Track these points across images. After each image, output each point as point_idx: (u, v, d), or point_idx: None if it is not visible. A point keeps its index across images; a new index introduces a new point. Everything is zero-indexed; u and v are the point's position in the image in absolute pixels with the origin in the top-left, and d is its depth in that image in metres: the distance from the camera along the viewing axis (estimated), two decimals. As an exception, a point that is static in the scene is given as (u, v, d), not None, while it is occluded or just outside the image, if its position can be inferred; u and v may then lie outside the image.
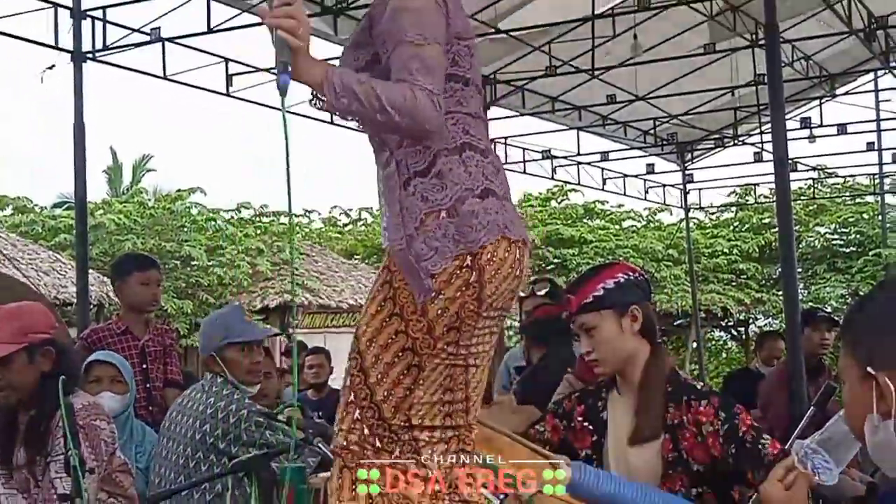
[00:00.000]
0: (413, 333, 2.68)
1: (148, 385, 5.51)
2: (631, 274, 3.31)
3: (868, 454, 1.94)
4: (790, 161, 12.86)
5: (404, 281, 2.69)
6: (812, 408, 3.11)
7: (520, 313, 6.23)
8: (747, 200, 23.55)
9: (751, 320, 27.47)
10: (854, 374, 1.91)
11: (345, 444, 2.71)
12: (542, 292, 5.71)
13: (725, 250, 25.51)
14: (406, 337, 2.69)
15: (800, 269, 24.26)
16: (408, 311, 2.68)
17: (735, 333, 29.16)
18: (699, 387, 3.25)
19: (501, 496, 2.78)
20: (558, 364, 4.85)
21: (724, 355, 29.69)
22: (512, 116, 13.15)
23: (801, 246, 25.34)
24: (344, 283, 21.71)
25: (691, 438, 3.11)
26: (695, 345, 23.45)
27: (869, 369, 1.86)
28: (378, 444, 2.70)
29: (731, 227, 26.78)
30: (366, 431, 2.70)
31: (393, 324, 2.70)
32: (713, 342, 30.01)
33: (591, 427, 3.29)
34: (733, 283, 25.66)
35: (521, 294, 6.07)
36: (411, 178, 2.69)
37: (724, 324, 28.00)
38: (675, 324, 25.71)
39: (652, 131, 14.78)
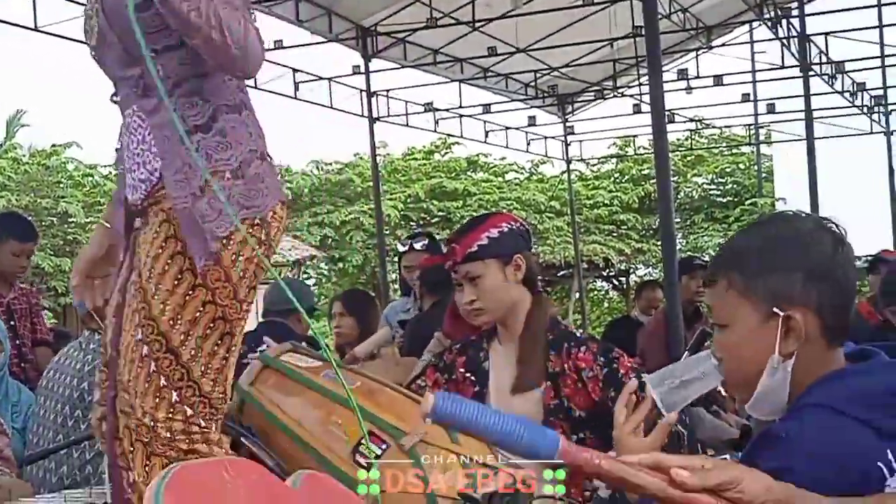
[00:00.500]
0: (221, 301, 2.60)
1: (18, 342, 5.40)
2: (513, 223, 3.33)
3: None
4: (668, 112, 13.08)
5: None
6: (686, 353, 3.18)
7: (399, 268, 6.25)
8: (627, 152, 23.88)
9: (631, 270, 27.97)
10: (748, 316, 1.89)
11: (169, 436, 2.58)
12: (420, 245, 5.72)
13: (606, 201, 25.87)
14: (215, 307, 2.59)
15: (678, 219, 24.76)
16: (212, 280, 2.57)
17: (616, 283, 29.66)
18: (579, 334, 3.29)
19: (384, 446, 2.79)
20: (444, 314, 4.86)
21: (606, 305, 30.19)
22: (393, 69, 13.10)
23: (679, 196, 25.83)
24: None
25: (572, 385, 3.15)
26: (577, 295, 23.81)
27: (775, 309, 1.85)
28: (202, 423, 2.61)
29: (612, 179, 27.16)
30: (189, 412, 2.60)
31: (198, 295, 2.58)
32: (595, 292, 30.47)
33: (472, 378, 3.30)
34: (614, 234, 26.07)
35: (401, 248, 6.09)
36: (191, 133, 2.57)
37: (605, 274, 28.46)
38: (558, 274, 26.03)
39: (533, 84, 14.85)
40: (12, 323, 5.41)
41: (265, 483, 1.48)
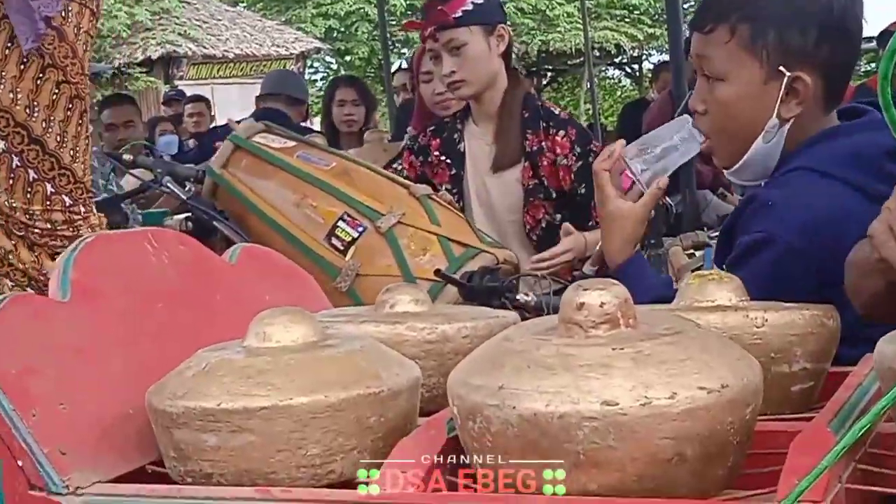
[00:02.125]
0: (73, 78, 2.53)
1: None
2: None
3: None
4: None
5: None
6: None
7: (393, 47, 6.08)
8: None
9: (644, 57, 27.50)
10: (751, 73, 1.71)
11: (49, 226, 2.54)
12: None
13: (618, -15, 25.29)
14: (69, 86, 2.52)
15: (692, 2, 24.18)
16: (60, 57, 2.49)
17: (629, 71, 29.24)
18: (558, 112, 3.15)
19: (360, 228, 2.70)
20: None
21: (618, 93, 29.84)
22: None
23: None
24: (229, 32, 21.14)
25: (549, 166, 3.04)
26: (588, 84, 23.46)
27: (782, 68, 1.67)
28: (83, 209, 2.57)
29: (624, -38, 26.47)
30: (68, 201, 2.55)
31: (49, 77, 2.50)
32: (608, 80, 30.10)
33: (448, 160, 3.18)
34: (626, 20, 25.55)
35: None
36: None
37: (617, 61, 28.01)
38: (568, 63, 25.66)
39: None
40: None
41: (196, 255, 1.37)
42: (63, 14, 2.47)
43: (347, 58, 24.44)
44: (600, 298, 0.98)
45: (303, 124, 5.93)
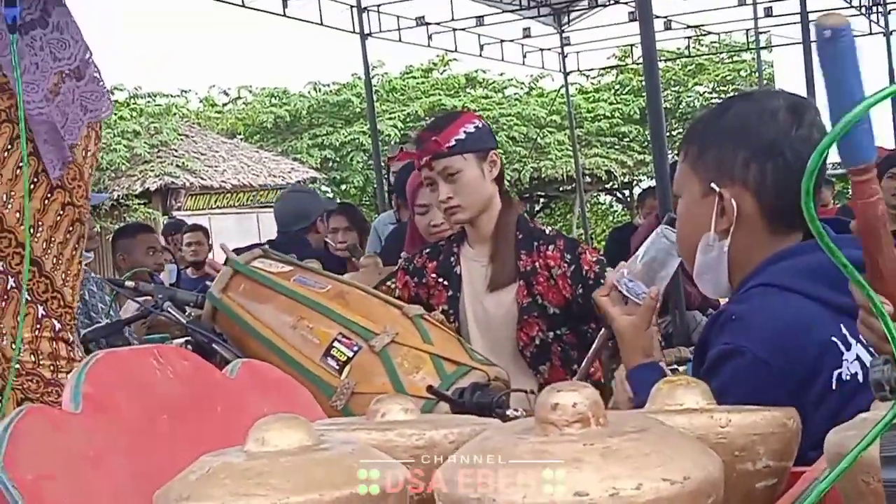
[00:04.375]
0: (78, 202, 2.51)
1: None
2: (482, 121, 3.32)
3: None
4: (664, 19, 12.91)
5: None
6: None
7: (388, 175, 6.23)
8: (627, 63, 23.67)
9: (635, 182, 27.88)
10: (694, 189, 1.86)
11: (31, 360, 2.43)
12: (410, 148, 5.69)
13: (607, 114, 25.74)
14: (74, 209, 2.50)
15: (679, 129, 24.59)
16: (69, 179, 2.48)
17: (620, 196, 29.60)
18: (547, 231, 3.27)
19: (355, 347, 2.77)
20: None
21: (610, 218, 30.15)
22: (383, -18, 12.97)
23: (680, 106, 25.67)
24: (226, 164, 21.46)
25: (544, 283, 3.14)
26: (580, 209, 23.76)
27: (713, 185, 1.82)
28: (71, 337, 2.50)
29: (613, 91, 26.99)
30: (57, 327, 2.48)
31: (57, 198, 2.47)
32: (599, 206, 30.44)
33: (445, 282, 3.28)
34: (616, 147, 25.96)
35: (390, 155, 6.07)
36: (29, 30, 2.41)
37: (608, 187, 28.38)
38: (560, 189, 25.98)
39: (527, -6, 14.70)
40: None
41: (199, 370, 1.45)
42: (84, 142, 2.51)
43: (343, 186, 24.76)
44: (573, 399, 1.06)
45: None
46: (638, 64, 22.96)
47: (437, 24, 14.76)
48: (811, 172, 0.80)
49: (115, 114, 21.11)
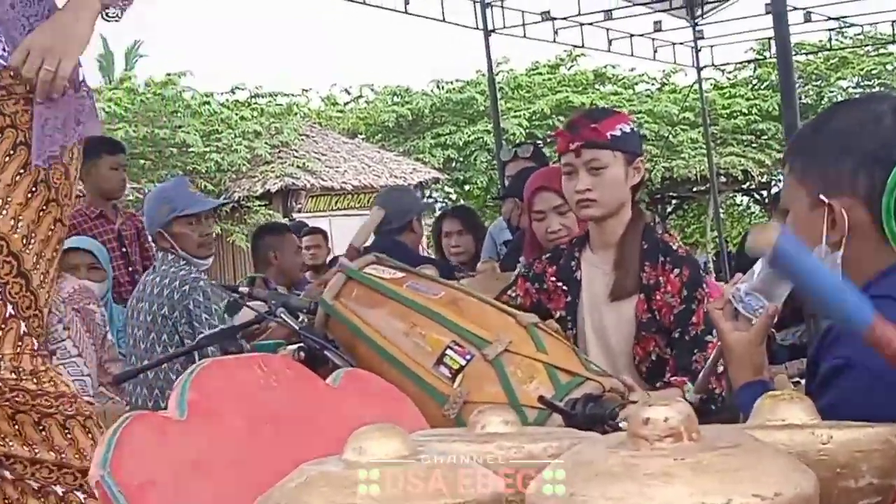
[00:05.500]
0: (65, 221, 2.55)
1: (130, 269, 5.61)
2: (635, 126, 3.34)
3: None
4: (804, 11, 12.70)
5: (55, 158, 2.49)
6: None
7: (501, 178, 6.27)
8: (765, 56, 23.29)
9: (773, 183, 27.43)
10: (802, 201, 1.88)
11: (13, 377, 2.46)
12: (528, 154, 5.72)
13: (744, 110, 25.36)
14: (62, 225, 2.54)
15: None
16: (62, 195, 2.51)
17: (758, 197, 29.14)
18: (675, 248, 3.24)
19: (468, 356, 2.82)
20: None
21: (747, 220, 29.71)
22: (509, -23, 13.00)
23: (822, 102, 25.16)
24: (347, 164, 21.73)
25: (660, 300, 3.14)
26: (714, 211, 23.46)
27: (822, 196, 1.83)
28: (46, 353, 2.52)
29: (750, 86, 26.60)
30: (35, 345, 2.49)
31: (51, 212, 2.50)
32: (735, 207, 30.01)
33: (564, 287, 3.31)
34: (754, 145, 25.57)
35: (504, 158, 6.11)
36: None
37: (745, 187, 27.97)
38: (692, 190, 25.69)
39: (658, -14, 14.58)
40: (123, 249, 5.63)
41: (302, 379, 1.52)
42: (72, 153, 2.56)
43: (466, 187, 24.89)
44: (665, 413, 1.10)
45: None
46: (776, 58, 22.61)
47: (564, 18, 14.74)
48: (891, 191, 0.83)
49: (236, 114, 21.56)
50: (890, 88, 24.86)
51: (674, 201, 28.59)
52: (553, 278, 3.34)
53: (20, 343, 2.45)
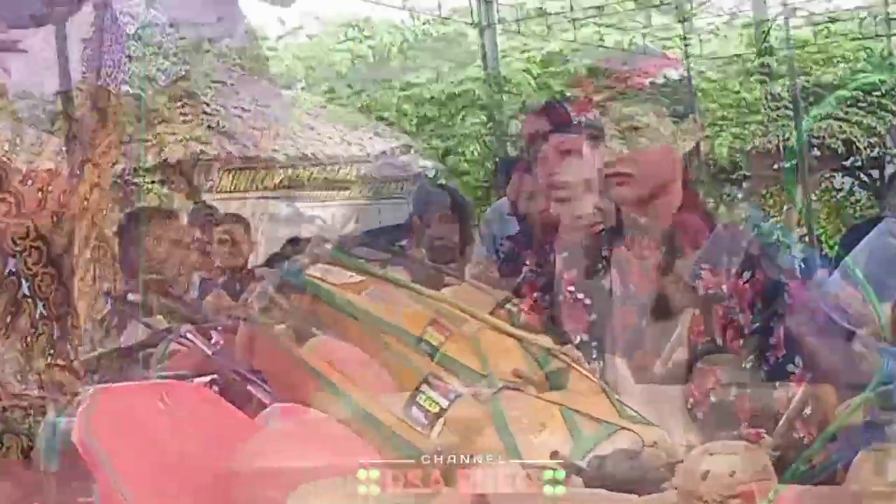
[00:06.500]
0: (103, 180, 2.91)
1: None
2: (686, 72, 3.31)
3: None
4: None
5: None
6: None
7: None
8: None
9: (888, 159, 27.48)
10: None
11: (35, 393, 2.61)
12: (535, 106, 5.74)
13: (847, 55, 25.42)
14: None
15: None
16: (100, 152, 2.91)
17: (865, 178, 29.21)
18: (746, 245, 3.22)
19: (452, 395, 2.84)
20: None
21: (850, 211, 29.74)
22: None
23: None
24: (279, 125, 21.66)
25: (723, 317, 3.12)
26: (803, 197, 23.48)
27: None
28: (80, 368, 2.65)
29: (857, 21, 26.68)
30: (72, 354, 2.69)
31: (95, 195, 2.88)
32: (833, 192, 30.08)
33: (587, 300, 3.29)
34: (861, 105, 25.63)
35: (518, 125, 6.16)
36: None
37: (847, 164, 28.03)
38: (773, 167, 25.75)
39: None
40: None
41: (214, 411, 1.56)
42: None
43: (449, 160, 24.89)
44: (730, 465, 1.12)
45: None
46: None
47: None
48: None
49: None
50: None
51: (744, 184, 28.64)
52: (571, 287, 3.31)
53: (52, 351, 2.68)
